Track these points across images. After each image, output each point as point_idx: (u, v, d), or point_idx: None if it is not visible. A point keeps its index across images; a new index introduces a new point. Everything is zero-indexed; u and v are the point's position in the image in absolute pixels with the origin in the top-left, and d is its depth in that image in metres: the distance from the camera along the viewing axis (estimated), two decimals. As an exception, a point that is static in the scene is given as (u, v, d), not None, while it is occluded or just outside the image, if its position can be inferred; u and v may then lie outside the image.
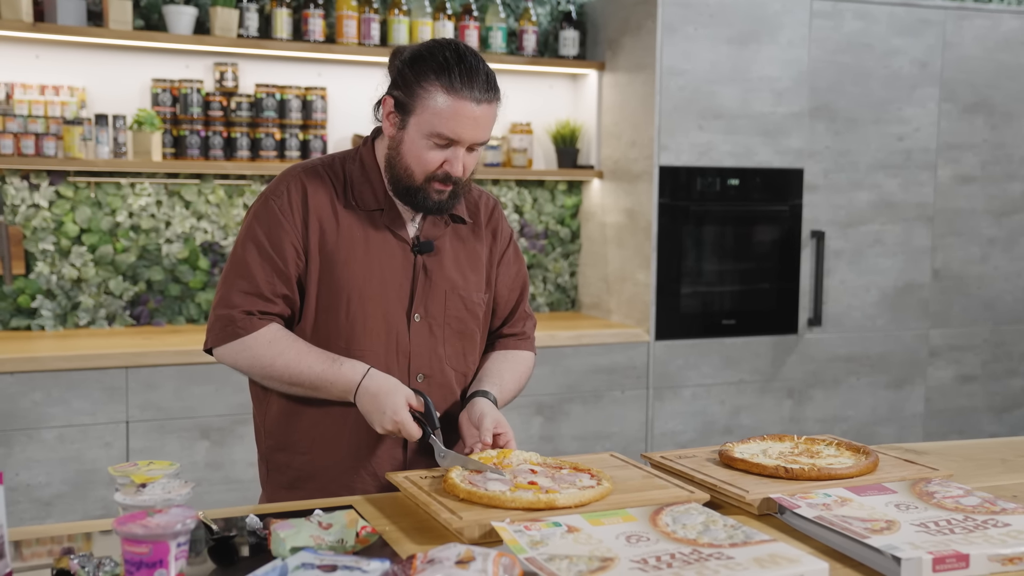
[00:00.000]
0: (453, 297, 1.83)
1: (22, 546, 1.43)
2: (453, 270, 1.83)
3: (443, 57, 1.68)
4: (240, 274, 1.75)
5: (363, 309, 1.76)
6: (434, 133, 1.68)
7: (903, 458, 1.79)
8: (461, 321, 1.84)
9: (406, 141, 1.71)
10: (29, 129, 3.29)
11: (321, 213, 1.76)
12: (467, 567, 1.16)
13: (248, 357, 1.74)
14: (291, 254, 1.75)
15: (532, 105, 4.01)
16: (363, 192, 1.79)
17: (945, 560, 1.28)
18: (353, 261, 1.76)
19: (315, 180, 1.78)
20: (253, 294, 1.74)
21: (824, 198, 3.92)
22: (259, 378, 1.78)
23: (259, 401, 1.86)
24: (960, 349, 4.21)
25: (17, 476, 2.99)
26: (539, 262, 4.10)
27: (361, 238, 1.77)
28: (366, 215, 1.78)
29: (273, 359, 1.72)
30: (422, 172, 1.71)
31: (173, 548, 1.12)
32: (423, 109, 1.68)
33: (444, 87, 1.67)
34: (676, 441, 3.78)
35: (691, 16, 3.65)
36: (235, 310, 1.74)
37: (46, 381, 3.01)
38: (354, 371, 1.72)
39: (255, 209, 1.79)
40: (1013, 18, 4.12)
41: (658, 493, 1.56)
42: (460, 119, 1.67)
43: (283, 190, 1.77)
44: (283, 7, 3.51)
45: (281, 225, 1.75)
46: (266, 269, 1.74)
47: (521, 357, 1.96)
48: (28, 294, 3.42)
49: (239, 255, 1.77)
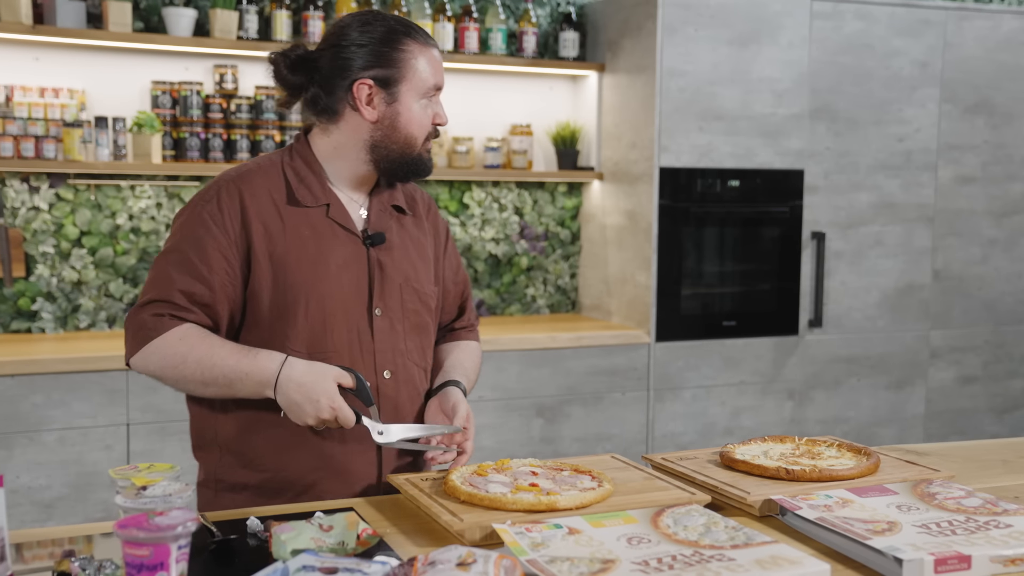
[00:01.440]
0: (408, 289, 1.78)
1: (23, 548, 1.44)
2: (404, 262, 1.79)
3: (394, 21, 1.73)
4: (156, 282, 1.67)
5: (322, 309, 1.69)
6: (430, 87, 1.72)
7: (904, 459, 1.80)
8: (417, 314, 1.80)
9: (403, 112, 1.71)
10: (29, 131, 3.29)
11: (264, 216, 1.69)
12: (468, 569, 1.16)
13: (159, 359, 1.64)
14: (218, 262, 1.67)
15: (532, 107, 4.01)
16: (306, 189, 1.73)
17: (947, 561, 1.27)
18: (305, 260, 1.69)
19: (251, 183, 1.71)
20: (164, 301, 1.65)
21: (825, 199, 3.92)
22: (172, 382, 1.67)
23: (206, 419, 1.75)
24: (961, 350, 4.21)
25: (18, 479, 2.99)
26: (539, 264, 4.11)
27: (310, 236, 1.71)
28: (312, 212, 1.72)
29: (184, 356, 1.63)
30: (423, 134, 1.73)
31: (174, 551, 1.12)
32: (412, 70, 1.70)
33: (419, 44, 1.72)
34: (677, 443, 3.78)
35: (691, 17, 3.65)
36: (144, 315, 1.66)
37: (47, 384, 3.01)
38: (271, 360, 1.62)
39: (183, 216, 1.71)
40: (1014, 18, 4.12)
41: (659, 495, 1.57)
42: (438, 65, 1.75)
43: (213, 195, 1.69)
44: (283, 9, 3.51)
45: (209, 231, 1.67)
46: (185, 278, 1.65)
47: (474, 348, 1.97)
48: (28, 297, 3.42)
49: (160, 263, 1.69)
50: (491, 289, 4.05)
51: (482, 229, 4.00)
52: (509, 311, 4.09)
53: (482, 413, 3.50)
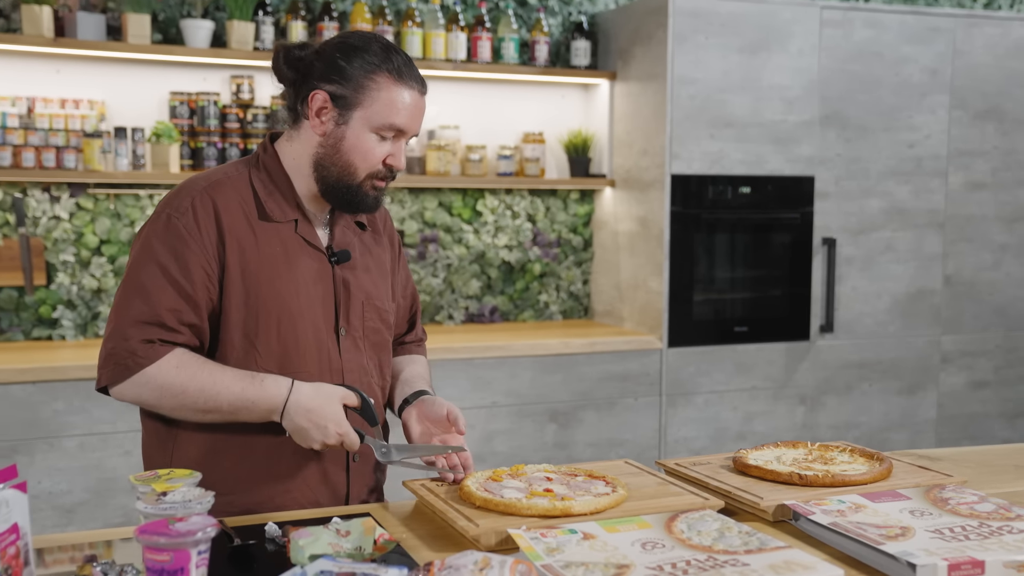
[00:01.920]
0: (369, 308, 1.73)
1: (44, 553, 1.43)
2: (366, 280, 1.73)
3: (379, 47, 1.62)
4: (137, 301, 1.56)
5: (294, 329, 1.63)
6: (386, 125, 1.61)
7: (917, 464, 1.80)
8: (377, 332, 1.75)
9: (349, 136, 1.61)
10: (50, 142, 3.33)
11: (237, 231, 1.61)
12: (484, 574, 1.17)
13: (154, 389, 1.55)
14: (200, 278, 1.58)
15: (544, 115, 4.04)
16: (274, 203, 1.65)
17: (960, 567, 1.27)
18: (277, 279, 1.63)
19: (223, 195, 1.62)
20: (153, 323, 1.55)
21: (835, 205, 3.94)
22: (168, 410, 1.59)
23: (162, 441, 1.67)
24: (972, 355, 4.21)
25: (39, 484, 3.02)
26: (552, 270, 4.13)
27: (281, 252, 1.64)
28: (281, 227, 1.65)
29: (184, 385, 1.55)
30: (366, 168, 1.63)
31: (194, 556, 1.13)
32: (372, 101, 1.60)
33: (393, 78, 1.61)
34: (689, 448, 3.80)
35: (701, 26, 3.67)
36: (132, 341, 1.55)
37: (67, 390, 3.05)
38: (278, 386, 1.57)
39: (153, 228, 1.60)
40: (1022, 26, 4.13)
41: (673, 500, 1.57)
42: (410, 109, 1.63)
43: (187, 207, 1.59)
44: (298, 20, 3.55)
45: (188, 246, 1.58)
46: (170, 294, 1.56)
47: (425, 363, 1.93)
48: (49, 304, 3.46)
49: (136, 279, 1.58)
50: (504, 295, 4.08)
51: (495, 236, 4.03)
52: (522, 317, 4.11)
53: (496, 419, 3.53)
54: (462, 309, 4.02)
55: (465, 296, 4.02)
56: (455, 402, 3.66)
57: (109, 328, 1.59)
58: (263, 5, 3.52)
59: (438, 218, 3.94)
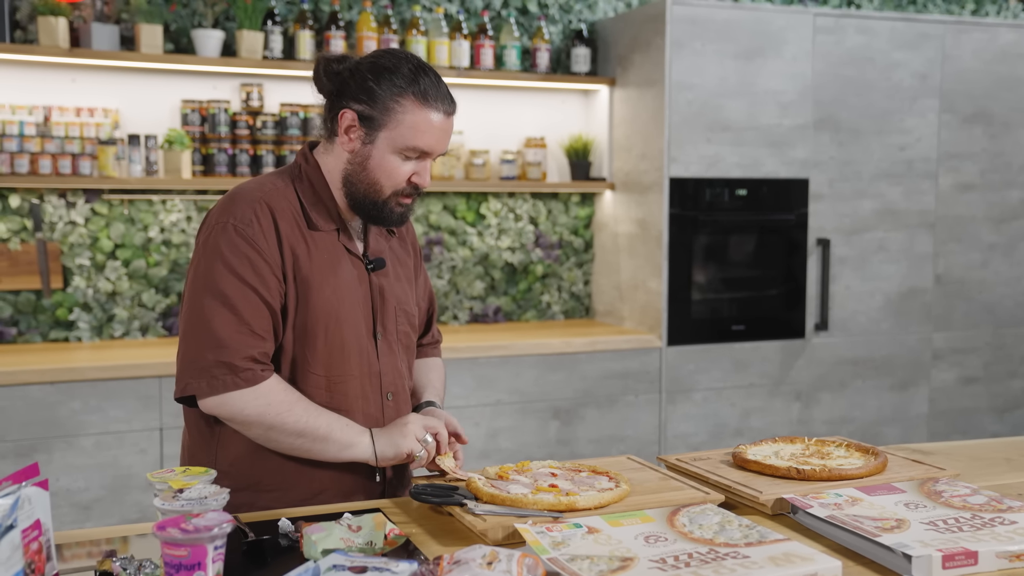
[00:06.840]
0: (401, 312, 1.79)
1: (63, 549, 1.46)
2: (397, 286, 1.80)
3: (409, 69, 1.64)
4: (224, 311, 1.59)
5: (340, 333, 1.69)
6: (409, 147, 1.65)
7: (911, 458, 1.81)
8: (407, 336, 1.82)
9: (375, 156, 1.66)
10: (66, 150, 3.39)
11: (292, 239, 1.66)
12: (492, 568, 1.18)
13: (261, 405, 1.60)
14: (274, 284, 1.63)
15: (546, 120, 4.10)
16: (319, 212, 1.71)
17: (954, 557, 1.28)
18: (326, 286, 1.68)
19: (278, 204, 1.67)
20: (246, 333, 1.60)
21: (829, 207, 4.00)
22: (264, 428, 1.62)
23: (206, 440, 1.70)
24: (962, 352, 4.27)
25: (57, 481, 3.07)
26: (554, 271, 4.20)
27: (328, 260, 1.69)
28: (326, 236, 1.71)
29: (291, 406, 1.62)
30: (391, 186, 1.67)
31: (211, 551, 1.14)
32: (397, 124, 1.64)
33: (419, 101, 1.63)
34: (688, 443, 3.86)
35: (699, 32, 3.73)
36: (234, 355, 1.59)
37: (84, 390, 3.09)
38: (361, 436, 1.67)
39: (220, 239, 1.62)
40: (1010, 31, 4.19)
41: (674, 494, 1.58)
42: (435, 132, 1.66)
43: (251, 216, 1.63)
44: (306, 29, 3.61)
45: (260, 254, 1.62)
46: (253, 302, 1.61)
47: (440, 364, 1.99)
48: (66, 307, 3.52)
49: (215, 289, 1.60)
50: (507, 296, 4.14)
51: (498, 238, 4.09)
52: (525, 317, 4.18)
53: (500, 416, 3.60)
54: (467, 310, 4.08)
55: (469, 297, 4.08)
56: (461, 401, 3.75)
57: (195, 338, 1.61)
58: (272, 15, 3.58)
59: (443, 221, 4.00)
